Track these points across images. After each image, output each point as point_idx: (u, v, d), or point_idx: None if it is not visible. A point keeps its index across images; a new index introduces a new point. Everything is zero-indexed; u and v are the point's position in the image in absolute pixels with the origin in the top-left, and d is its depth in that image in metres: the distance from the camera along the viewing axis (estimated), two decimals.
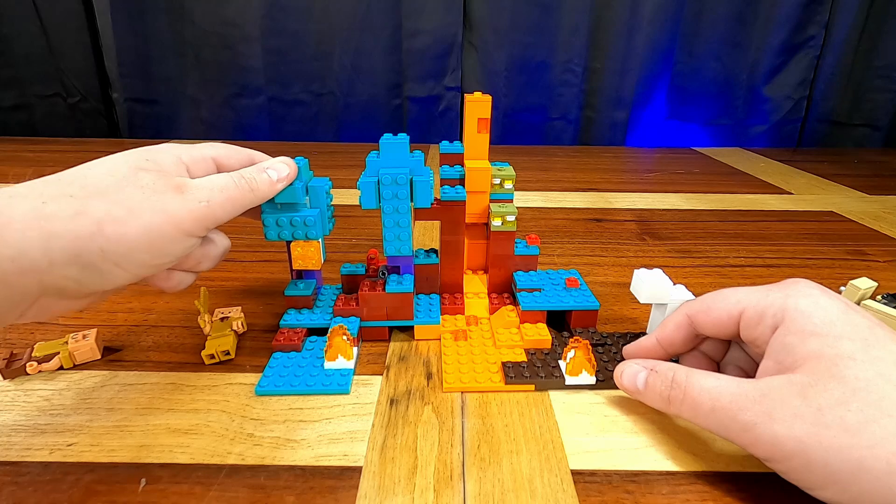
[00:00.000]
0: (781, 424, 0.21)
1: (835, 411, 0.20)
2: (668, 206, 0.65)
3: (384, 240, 0.34)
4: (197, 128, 1.05)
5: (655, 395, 0.26)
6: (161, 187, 0.25)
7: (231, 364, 0.32)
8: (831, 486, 0.20)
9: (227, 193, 0.27)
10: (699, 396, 0.23)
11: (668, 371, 0.26)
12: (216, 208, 0.26)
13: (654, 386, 0.26)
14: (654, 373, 0.26)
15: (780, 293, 0.24)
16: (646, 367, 0.27)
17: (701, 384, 0.24)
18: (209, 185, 0.27)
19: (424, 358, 0.33)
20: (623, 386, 0.28)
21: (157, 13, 0.97)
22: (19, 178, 0.72)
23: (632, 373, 0.27)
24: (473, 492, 0.23)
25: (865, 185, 0.75)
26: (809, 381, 0.21)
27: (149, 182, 0.25)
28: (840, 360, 0.21)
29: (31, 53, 0.98)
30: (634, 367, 0.27)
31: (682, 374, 0.25)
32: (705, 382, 0.24)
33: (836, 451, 0.19)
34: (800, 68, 1.02)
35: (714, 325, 0.27)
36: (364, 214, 0.35)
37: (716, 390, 0.23)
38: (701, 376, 0.24)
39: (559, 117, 1.05)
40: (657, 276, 0.31)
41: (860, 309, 0.23)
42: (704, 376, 0.24)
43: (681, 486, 0.24)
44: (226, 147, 0.30)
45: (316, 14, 0.97)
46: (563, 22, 0.98)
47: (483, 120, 0.36)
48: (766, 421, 0.21)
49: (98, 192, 0.23)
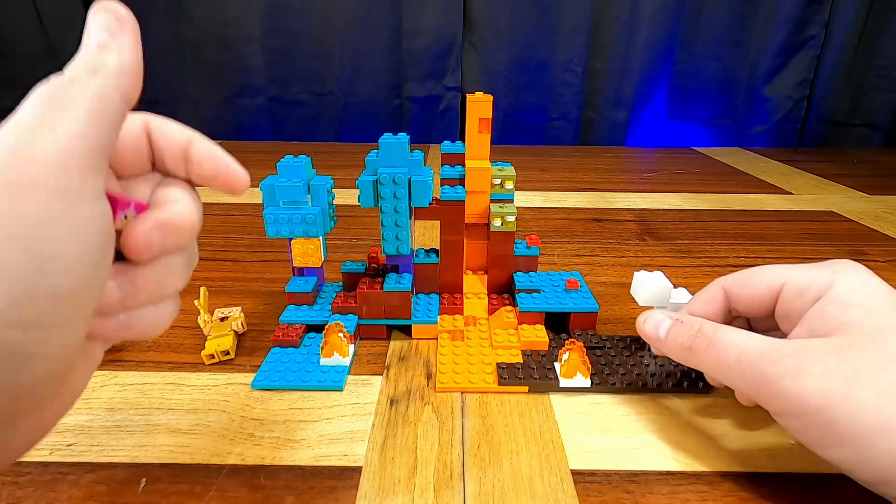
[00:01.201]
0: (811, 379, 0.20)
1: (871, 373, 0.20)
2: (668, 206, 0.65)
3: (383, 239, 0.34)
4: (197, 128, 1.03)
5: (676, 344, 0.26)
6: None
7: (231, 364, 0.32)
8: (848, 444, 0.20)
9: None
10: (725, 347, 0.23)
11: (694, 322, 0.25)
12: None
13: (678, 334, 0.26)
14: (679, 322, 0.26)
15: (827, 269, 0.24)
16: (671, 318, 0.27)
17: (729, 336, 0.24)
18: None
19: (424, 358, 0.33)
20: (644, 332, 0.28)
21: (156, 13, 0.97)
22: None
23: (655, 321, 0.27)
24: (473, 492, 0.23)
25: (865, 185, 0.75)
26: (848, 344, 0.21)
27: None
28: (881, 332, 0.21)
29: (31, 53, 0.98)
30: (659, 315, 0.27)
31: (710, 326, 0.25)
32: (734, 335, 0.24)
33: (865, 410, 0.19)
34: (800, 68, 1.02)
35: (750, 299, 0.26)
36: (365, 214, 0.35)
37: (744, 343, 0.23)
38: (730, 330, 0.24)
39: (559, 117, 1.05)
40: (657, 278, 0.31)
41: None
42: (733, 330, 0.24)
43: (681, 486, 0.24)
44: None
45: (316, 14, 0.97)
46: (563, 22, 0.98)
47: (484, 120, 0.36)
48: (796, 374, 0.21)
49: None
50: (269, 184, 0.32)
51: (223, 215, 0.59)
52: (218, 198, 0.66)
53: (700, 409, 0.29)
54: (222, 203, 0.63)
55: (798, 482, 0.24)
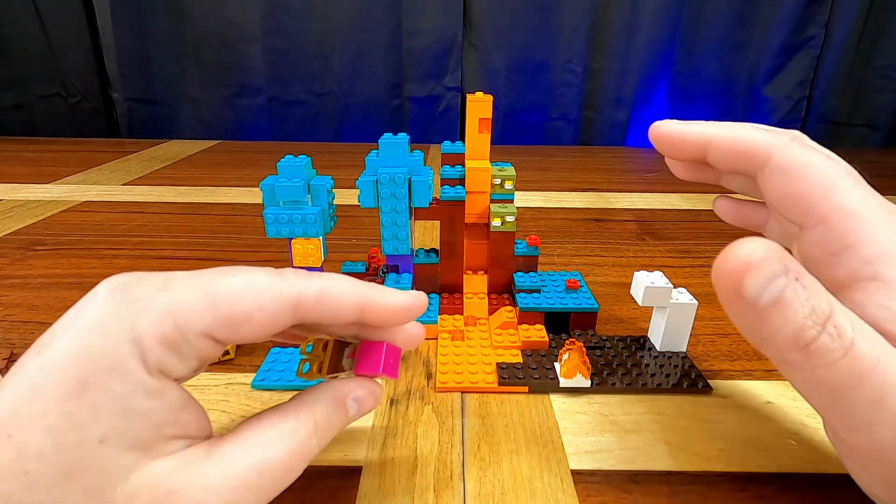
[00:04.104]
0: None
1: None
2: (668, 206, 0.65)
3: (382, 239, 0.34)
4: (197, 128, 1.05)
5: (787, 329, 0.15)
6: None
7: (231, 364, 0.32)
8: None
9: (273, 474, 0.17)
10: (870, 372, 0.15)
11: (822, 297, 0.15)
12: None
13: (795, 312, 0.15)
14: (800, 287, 0.15)
15: (894, 233, 0.17)
16: (786, 271, 0.15)
17: (878, 349, 0.15)
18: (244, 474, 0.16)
19: (424, 358, 0.33)
20: (743, 290, 0.15)
21: (157, 13, 0.97)
22: (20, 178, 0.72)
23: (771, 273, 0.15)
24: (473, 492, 0.23)
25: None
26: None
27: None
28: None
29: (32, 53, 0.99)
30: (777, 265, 0.15)
31: (845, 319, 0.15)
32: (883, 349, 0.15)
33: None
34: (800, 68, 1.02)
35: (790, 200, 0.19)
36: (365, 214, 0.35)
37: (886, 362, 0.15)
38: (873, 333, 0.15)
39: (559, 117, 1.05)
40: (657, 278, 0.31)
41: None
42: (874, 336, 0.15)
43: (681, 486, 0.24)
44: (272, 288, 0.17)
45: (316, 14, 0.97)
46: (563, 22, 0.98)
47: (484, 120, 0.36)
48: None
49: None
50: (269, 184, 0.32)
51: (223, 215, 0.59)
52: (217, 198, 0.66)
53: (700, 409, 0.29)
54: (222, 203, 0.64)
55: (798, 482, 0.24)
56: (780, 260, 0.15)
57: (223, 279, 0.17)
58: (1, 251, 0.48)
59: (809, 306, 0.15)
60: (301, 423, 0.18)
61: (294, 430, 0.18)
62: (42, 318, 0.37)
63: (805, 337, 0.15)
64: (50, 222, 0.56)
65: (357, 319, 0.19)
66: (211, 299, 0.16)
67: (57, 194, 0.65)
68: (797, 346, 0.15)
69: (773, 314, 0.15)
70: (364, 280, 0.34)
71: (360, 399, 0.20)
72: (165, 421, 0.16)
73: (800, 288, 0.15)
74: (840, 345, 0.15)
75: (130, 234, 0.53)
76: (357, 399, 0.20)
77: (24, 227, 0.54)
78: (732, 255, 0.15)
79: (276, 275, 0.17)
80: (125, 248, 0.49)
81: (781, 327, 0.15)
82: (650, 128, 0.22)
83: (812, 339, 0.15)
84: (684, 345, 0.32)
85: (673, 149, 0.22)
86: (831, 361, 0.15)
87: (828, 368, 0.15)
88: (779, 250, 0.15)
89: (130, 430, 0.15)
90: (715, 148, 0.21)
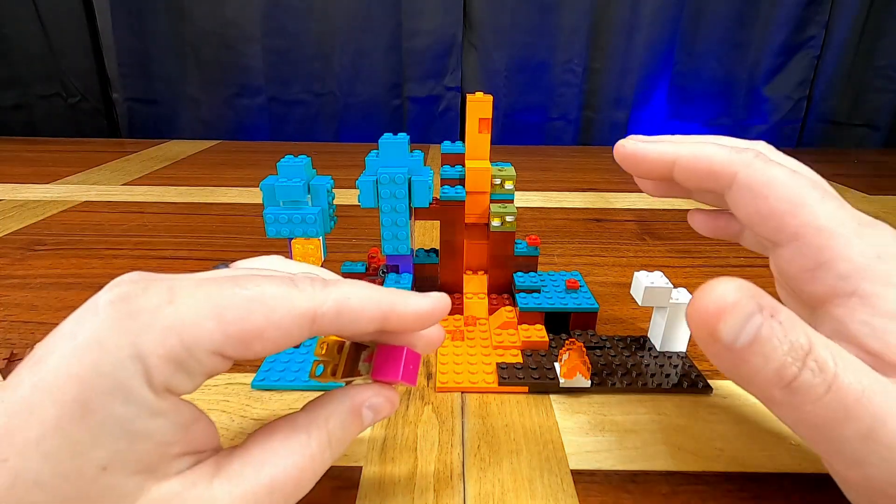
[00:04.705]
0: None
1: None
2: (668, 206, 0.65)
3: (382, 239, 0.34)
4: (197, 128, 1.05)
5: (767, 370, 0.15)
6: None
7: None
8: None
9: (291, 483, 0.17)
10: (855, 406, 0.14)
11: (799, 332, 0.15)
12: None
13: (774, 349, 0.15)
14: (775, 323, 0.15)
15: (868, 246, 0.17)
16: (760, 309, 0.15)
17: (861, 383, 0.15)
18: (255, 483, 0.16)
19: (424, 358, 0.33)
20: (718, 335, 0.15)
21: (157, 13, 0.97)
22: (20, 178, 0.72)
23: (744, 315, 0.15)
24: (473, 492, 0.23)
25: (865, 185, 0.75)
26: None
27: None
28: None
29: (31, 53, 0.99)
30: (750, 304, 0.15)
31: (826, 351, 0.15)
32: (867, 381, 0.15)
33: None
34: (800, 68, 1.02)
35: (758, 217, 0.19)
36: (365, 214, 0.35)
37: (883, 405, 0.15)
38: (856, 366, 0.15)
39: (559, 117, 1.05)
40: (657, 278, 0.31)
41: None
42: (859, 366, 0.15)
43: (681, 486, 0.24)
44: (279, 309, 0.16)
45: (316, 14, 0.97)
46: (563, 22, 0.98)
47: (484, 120, 0.36)
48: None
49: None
50: (269, 184, 0.32)
51: (223, 215, 0.59)
52: (217, 198, 0.66)
53: (700, 409, 0.29)
54: (222, 203, 0.64)
55: (798, 482, 0.24)
56: (753, 298, 0.15)
57: (233, 291, 0.15)
58: (1, 251, 0.48)
59: (788, 343, 0.15)
60: (313, 436, 0.17)
61: (306, 444, 0.17)
62: (42, 318, 0.37)
63: (787, 375, 0.15)
64: (50, 222, 0.56)
65: (379, 329, 0.18)
66: (219, 316, 0.15)
67: (57, 194, 0.65)
68: (780, 385, 0.15)
69: (752, 354, 0.15)
70: (364, 279, 0.34)
71: (377, 407, 0.19)
72: (172, 440, 0.15)
73: (776, 325, 0.15)
74: (823, 379, 0.15)
75: (130, 234, 0.53)
76: (373, 407, 0.19)
77: (24, 227, 0.54)
78: (705, 300, 0.15)
79: (290, 285, 0.16)
80: (125, 248, 0.49)
81: (762, 367, 0.15)
82: (615, 146, 0.22)
83: (794, 376, 0.15)
84: (684, 345, 0.32)
85: (638, 168, 0.21)
86: (816, 398, 0.15)
87: (813, 405, 0.15)
88: (751, 289, 0.15)
89: (134, 454, 0.14)
90: (680, 168, 0.20)
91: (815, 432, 0.15)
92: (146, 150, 0.92)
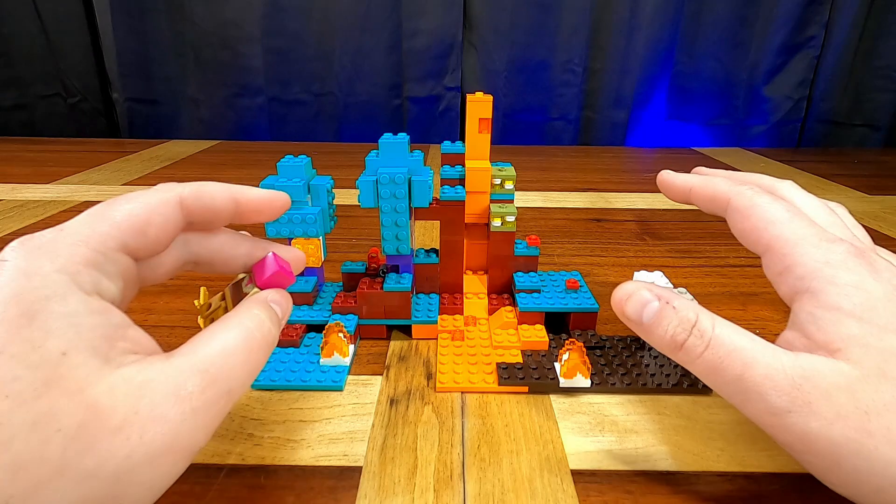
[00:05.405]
0: (819, 421, 0.18)
1: (882, 418, 0.17)
2: (668, 206, 0.65)
3: (382, 239, 0.34)
4: (197, 128, 1.05)
5: (665, 337, 0.21)
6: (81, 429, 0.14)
7: None
8: (854, 486, 0.19)
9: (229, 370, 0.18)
10: (728, 356, 0.19)
11: (688, 311, 0.21)
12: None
13: (667, 325, 0.21)
14: (669, 308, 0.21)
15: (822, 255, 0.20)
16: (660, 297, 0.22)
17: (733, 341, 0.20)
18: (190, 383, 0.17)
19: (424, 358, 0.33)
20: (625, 314, 0.22)
21: (157, 13, 0.97)
22: (20, 178, 0.72)
23: (640, 300, 0.22)
24: (473, 492, 0.23)
25: (865, 185, 0.75)
26: (859, 376, 0.18)
27: (65, 422, 0.14)
28: (891, 358, 0.18)
29: (31, 53, 0.99)
30: (645, 294, 0.22)
31: (708, 320, 0.20)
32: (738, 340, 0.20)
33: (873, 462, 0.17)
34: (800, 68, 1.02)
35: (744, 233, 0.23)
36: (365, 214, 0.35)
37: (750, 355, 0.19)
38: (731, 330, 0.20)
39: (559, 117, 1.05)
40: (657, 278, 0.31)
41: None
42: (735, 331, 0.20)
43: (681, 487, 0.24)
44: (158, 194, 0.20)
45: (316, 14, 0.97)
46: (563, 22, 0.98)
47: (484, 120, 0.36)
48: (804, 412, 0.18)
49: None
50: (269, 184, 0.32)
51: None
52: None
53: (700, 409, 0.29)
54: None
55: (798, 482, 0.24)
56: (650, 291, 0.22)
57: (110, 205, 0.19)
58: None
59: (677, 318, 0.21)
60: (244, 317, 0.20)
61: (240, 323, 0.19)
62: None
63: (678, 340, 0.21)
64: (50, 222, 0.56)
65: (233, 210, 0.22)
66: (109, 219, 0.18)
67: (57, 194, 0.65)
68: (675, 347, 0.21)
69: (656, 327, 0.21)
70: (364, 281, 0.34)
71: (277, 301, 0.22)
72: (116, 335, 0.17)
73: (670, 308, 0.21)
74: (702, 341, 0.20)
75: None
76: (275, 302, 0.22)
77: (24, 227, 0.54)
78: (617, 292, 0.23)
79: (151, 188, 0.20)
80: None
81: (663, 336, 0.21)
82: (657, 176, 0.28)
83: (683, 341, 0.21)
84: None
85: (669, 193, 0.29)
86: (698, 354, 0.20)
87: (700, 359, 0.20)
88: (650, 288, 0.22)
89: (86, 341, 0.16)
90: (695, 195, 0.27)
91: (707, 379, 0.21)
92: (146, 150, 0.92)
